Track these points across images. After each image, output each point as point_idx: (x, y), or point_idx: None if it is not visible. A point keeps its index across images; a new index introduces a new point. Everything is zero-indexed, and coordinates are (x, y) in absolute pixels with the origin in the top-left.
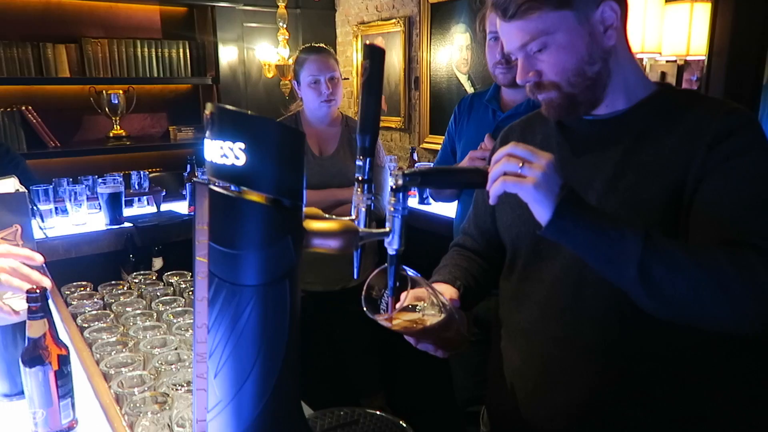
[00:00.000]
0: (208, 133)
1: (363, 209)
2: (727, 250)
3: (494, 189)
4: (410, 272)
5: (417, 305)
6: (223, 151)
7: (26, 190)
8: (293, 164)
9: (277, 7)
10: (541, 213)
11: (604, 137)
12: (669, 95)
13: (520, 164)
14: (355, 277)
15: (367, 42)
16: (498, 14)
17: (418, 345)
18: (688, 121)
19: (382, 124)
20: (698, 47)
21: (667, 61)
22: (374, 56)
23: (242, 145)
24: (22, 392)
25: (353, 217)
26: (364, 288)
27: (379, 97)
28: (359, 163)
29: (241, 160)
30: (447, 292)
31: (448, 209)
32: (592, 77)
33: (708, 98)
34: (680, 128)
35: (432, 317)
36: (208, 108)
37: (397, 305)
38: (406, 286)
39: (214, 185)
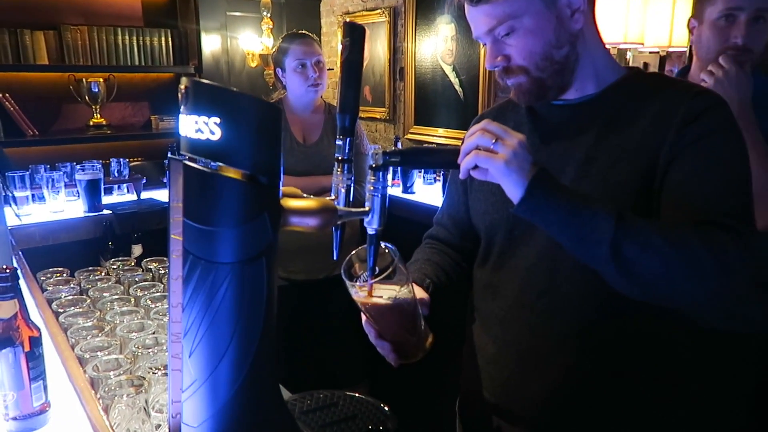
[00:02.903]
0: (182, 108)
1: (342, 189)
2: (698, 229)
3: (466, 162)
4: (394, 253)
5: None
6: (198, 126)
7: None
8: (270, 140)
9: None
10: (513, 191)
11: (574, 123)
12: (638, 78)
13: (494, 140)
14: (335, 257)
15: (347, 20)
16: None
17: (376, 340)
18: (657, 103)
19: (366, 114)
20: (680, 39)
21: (650, 52)
22: (354, 34)
23: (217, 120)
24: None
25: (333, 197)
26: (347, 259)
27: (359, 77)
28: (339, 142)
29: (217, 135)
30: (417, 294)
31: (431, 198)
32: (560, 61)
33: (677, 80)
34: (650, 111)
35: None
36: (183, 82)
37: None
38: (388, 267)
39: (189, 161)
